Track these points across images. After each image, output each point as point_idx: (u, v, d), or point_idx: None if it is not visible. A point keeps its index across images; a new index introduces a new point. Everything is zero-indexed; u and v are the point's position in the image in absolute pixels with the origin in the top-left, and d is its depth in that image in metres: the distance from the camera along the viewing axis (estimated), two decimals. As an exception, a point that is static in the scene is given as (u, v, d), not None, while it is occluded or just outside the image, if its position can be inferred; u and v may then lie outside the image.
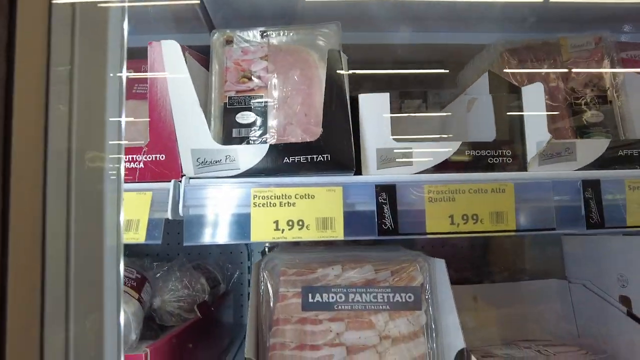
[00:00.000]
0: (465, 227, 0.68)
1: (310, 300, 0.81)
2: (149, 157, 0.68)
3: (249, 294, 1.39)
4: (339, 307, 0.81)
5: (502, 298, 1.02)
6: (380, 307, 0.82)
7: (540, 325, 0.98)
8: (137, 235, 0.62)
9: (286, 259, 0.87)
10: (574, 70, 0.88)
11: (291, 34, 0.85)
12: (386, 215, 0.66)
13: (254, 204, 0.65)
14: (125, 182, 0.67)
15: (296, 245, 1.16)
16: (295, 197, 0.65)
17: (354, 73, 0.82)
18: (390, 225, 0.66)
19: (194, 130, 0.66)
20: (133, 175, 0.68)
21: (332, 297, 0.82)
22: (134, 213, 0.63)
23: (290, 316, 0.81)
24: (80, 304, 0.31)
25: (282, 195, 0.65)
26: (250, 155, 0.67)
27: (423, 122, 1.07)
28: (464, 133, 0.96)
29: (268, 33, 0.85)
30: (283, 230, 0.65)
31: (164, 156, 0.68)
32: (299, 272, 0.84)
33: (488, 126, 0.81)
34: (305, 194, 0.66)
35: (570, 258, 1.03)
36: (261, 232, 0.65)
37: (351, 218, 0.66)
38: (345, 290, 0.82)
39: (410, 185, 0.68)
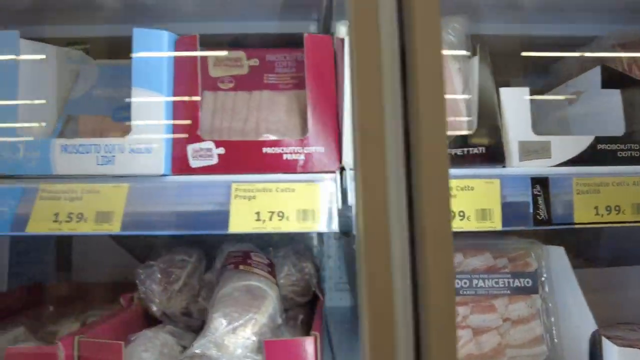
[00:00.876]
0: (609, 217, 0.72)
1: (437, 285, 0.85)
2: (309, 149, 0.70)
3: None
4: (464, 292, 0.86)
5: (596, 283, 1.07)
6: (501, 291, 0.86)
7: (635, 311, 1.03)
8: (314, 225, 0.65)
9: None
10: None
11: (418, 26, 0.86)
12: (540, 206, 0.69)
13: (417, 195, 0.68)
14: (289, 173, 0.70)
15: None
16: (456, 189, 0.68)
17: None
18: (545, 216, 0.69)
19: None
20: (295, 167, 0.70)
21: (458, 283, 0.86)
22: (309, 203, 0.66)
23: (417, 300, 0.85)
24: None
25: (444, 186, 0.68)
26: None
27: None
28: (566, 127, 0.99)
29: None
30: (445, 220, 0.68)
31: (323, 148, 0.70)
32: (421, 259, 0.88)
33: (609, 120, 0.84)
34: (465, 186, 0.68)
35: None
36: (425, 222, 0.67)
37: (507, 209, 0.69)
38: (469, 276, 0.86)
39: (561, 178, 0.71)
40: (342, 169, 0.71)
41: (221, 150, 0.70)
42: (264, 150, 0.70)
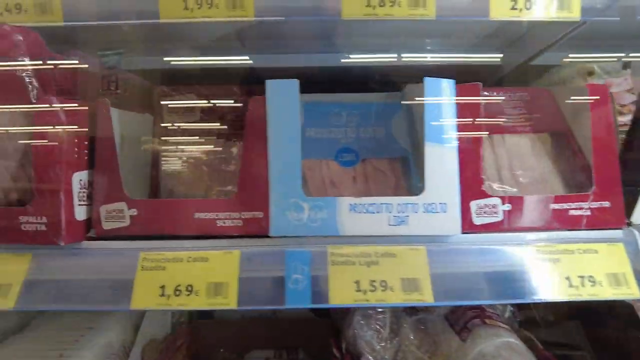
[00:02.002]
0: None
1: None
2: (595, 205, 0.67)
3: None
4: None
5: None
6: None
7: None
8: (629, 290, 0.62)
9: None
10: None
11: (649, 66, 0.84)
12: None
13: None
14: (573, 230, 0.67)
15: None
16: None
17: None
18: None
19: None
20: (580, 223, 0.67)
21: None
22: (617, 266, 0.62)
23: None
24: None
25: None
26: None
27: None
28: None
29: (631, 64, 0.83)
30: None
31: (609, 203, 0.67)
32: None
33: None
34: None
35: None
36: None
37: None
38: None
39: None
40: (628, 224, 0.68)
41: (507, 207, 0.66)
42: (551, 206, 0.66)
